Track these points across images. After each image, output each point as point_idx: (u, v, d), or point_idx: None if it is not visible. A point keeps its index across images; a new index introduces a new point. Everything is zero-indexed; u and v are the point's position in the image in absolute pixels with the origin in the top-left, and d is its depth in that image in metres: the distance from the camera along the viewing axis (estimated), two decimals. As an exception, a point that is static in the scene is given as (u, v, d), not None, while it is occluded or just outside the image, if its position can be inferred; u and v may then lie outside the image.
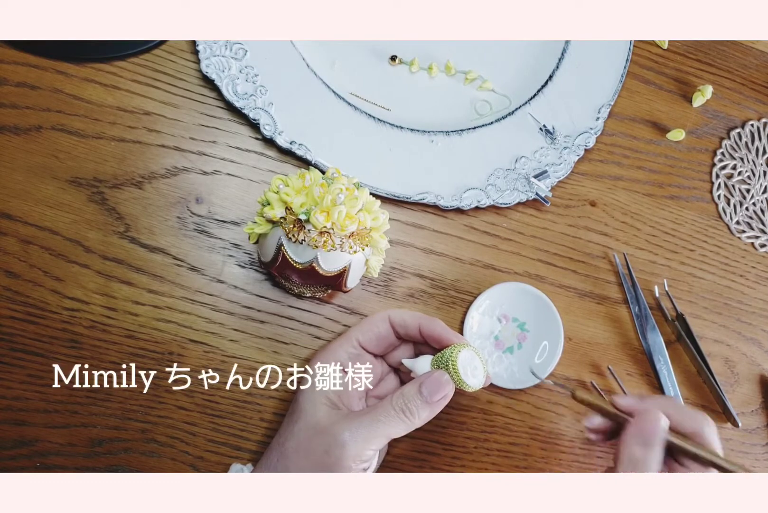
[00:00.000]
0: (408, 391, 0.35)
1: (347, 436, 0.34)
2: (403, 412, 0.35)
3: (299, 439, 0.36)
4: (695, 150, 0.54)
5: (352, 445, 0.34)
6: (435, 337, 0.38)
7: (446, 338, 0.37)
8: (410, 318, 0.39)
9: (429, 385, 0.35)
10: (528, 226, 0.49)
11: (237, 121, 0.45)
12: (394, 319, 0.39)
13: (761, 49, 0.57)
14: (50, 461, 0.40)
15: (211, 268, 0.44)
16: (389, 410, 0.35)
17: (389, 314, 0.40)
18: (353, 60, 0.49)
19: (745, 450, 0.50)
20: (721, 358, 0.51)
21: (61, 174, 0.42)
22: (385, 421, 0.34)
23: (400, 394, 0.35)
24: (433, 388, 0.35)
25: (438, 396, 0.35)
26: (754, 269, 0.53)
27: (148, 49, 0.45)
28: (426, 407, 0.35)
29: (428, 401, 0.35)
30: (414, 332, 0.39)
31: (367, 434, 0.34)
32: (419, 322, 0.38)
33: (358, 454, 0.34)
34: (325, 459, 0.34)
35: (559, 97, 0.51)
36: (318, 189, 0.36)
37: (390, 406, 0.35)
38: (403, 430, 0.35)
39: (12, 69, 0.43)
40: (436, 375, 0.36)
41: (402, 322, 0.39)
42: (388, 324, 0.39)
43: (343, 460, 0.33)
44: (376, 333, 0.39)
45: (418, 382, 0.36)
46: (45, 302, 0.41)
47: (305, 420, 0.36)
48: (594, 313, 0.49)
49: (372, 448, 0.34)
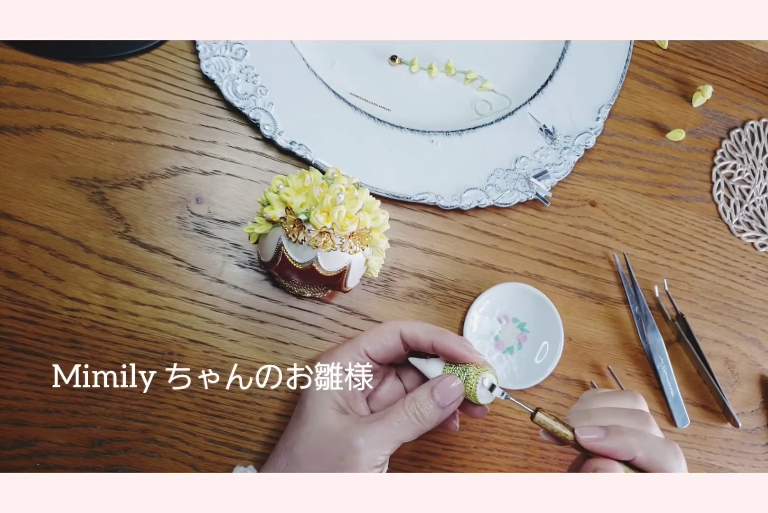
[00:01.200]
0: (420, 396, 0.35)
1: (362, 442, 0.34)
2: (416, 416, 0.35)
3: (309, 445, 0.35)
4: (695, 150, 0.54)
5: (366, 451, 0.34)
6: (449, 353, 0.37)
7: (460, 353, 0.36)
8: (422, 334, 0.38)
9: (441, 390, 0.35)
10: (528, 226, 0.49)
11: (237, 121, 0.45)
12: (405, 334, 0.38)
13: (761, 49, 0.57)
14: (50, 461, 0.40)
15: (211, 268, 0.44)
16: (402, 415, 0.35)
17: (400, 328, 0.38)
18: (353, 60, 0.49)
19: (745, 450, 0.50)
20: (721, 358, 0.51)
21: (61, 174, 0.42)
22: (399, 427, 0.34)
23: (411, 399, 0.35)
24: (444, 392, 0.35)
25: (450, 400, 0.35)
26: (754, 269, 0.53)
27: (148, 49, 0.45)
28: (438, 412, 0.35)
29: (440, 406, 0.35)
30: (426, 347, 0.38)
31: (381, 439, 0.34)
32: (432, 338, 0.37)
33: (372, 460, 0.34)
34: (339, 464, 0.34)
35: (559, 97, 0.51)
36: (318, 189, 0.36)
37: (402, 411, 0.35)
38: (414, 435, 0.35)
39: (12, 69, 0.43)
40: (447, 380, 0.36)
41: (413, 337, 0.38)
42: (398, 337, 0.38)
43: (358, 466, 0.33)
44: (385, 345, 0.38)
45: (429, 387, 0.36)
46: (45, 302, 0.41)
47: (314, 425, 0.36)
48: (594, 313, 0.49)
49: (385, 453, 0.34)
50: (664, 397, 0.49)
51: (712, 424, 0.50)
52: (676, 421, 0.49)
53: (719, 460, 0.50)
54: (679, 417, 0.49)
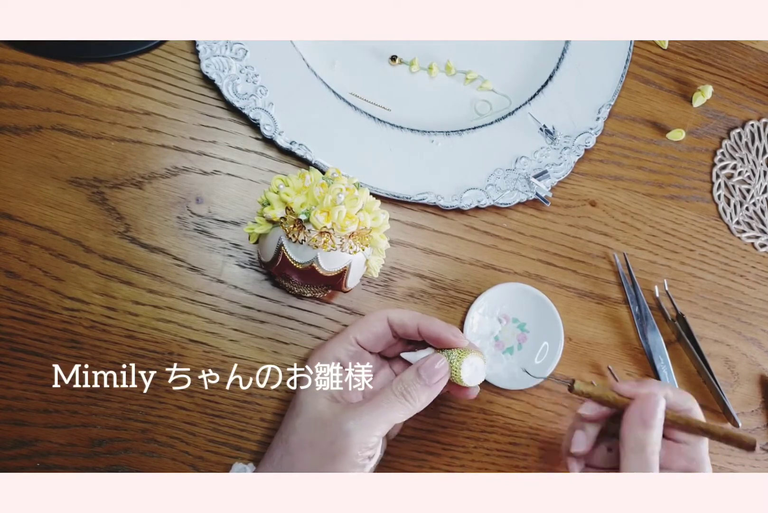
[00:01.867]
0: (407, 376, 0.37)
1: (351, 424, 0.34)
2: (403, 396, 0.36)
3: (302, 433, 0.36)
4: (695, 150, 0.54)
5: (356, 433, 0.34)
6: (434, 337, 0.38)
7: (445, 338, 0.38)
8: (409, 319, 0.39)
9: (427, 368, 0.37)
10: (528, 226, 0.49)
11: (237, 121, 0.45)
12: (392, 320, 0.39)
13: (761, 49, 0.57)
14: (50, 461, 0.40)
15: (211, 268, 0.44)
16: (390, 396, 0.36)
17: (387, 315, 0.40)
18: (353, 60, 0.49)
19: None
20: (721, 358, 0.51)
21: (61, 174, 0.42)
22: (387, 407, 0.35)
23: (399, 379, 0.37)
24: (430, 371, 0.37)
25: (436, 378, 0.37)
26: (754, 269, 0.53)
27: (148, 49, 0.45)
28: (425, 390, 0.36)
29: (427, 384, 0.36)
30: (413, 332, 0.39)
31: (370, 421, 0.35)
32: (418, 323, 0.39)
33: (363, 442, 0.34)
34: (331, 449, 0.34)
35: (559, 97, 0.50)
36: (318, 189, 0.36)
37: (390, 391, 0.36)
38: (404, 415, 0.36)
39: (12, 69, 0.43)
40: (432, 358, 0.37)
41: (401, 323, 0.39)
42: (386, 324, 0.40)
43: (349, 449, 0.34)
44: (374, 332, 0.40)
45: (415, 367, 0.37)
46: (45, 302, 0.41)
47: (307, 414, 0.37)
48: (594, 313, 0.49)
49: (376, 434, 0.35)
50: (664, 397, 0.49)
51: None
52: (676, 421, 0.49)
53: (719, 460, 0.50)
54: (679, 417, 0.49)
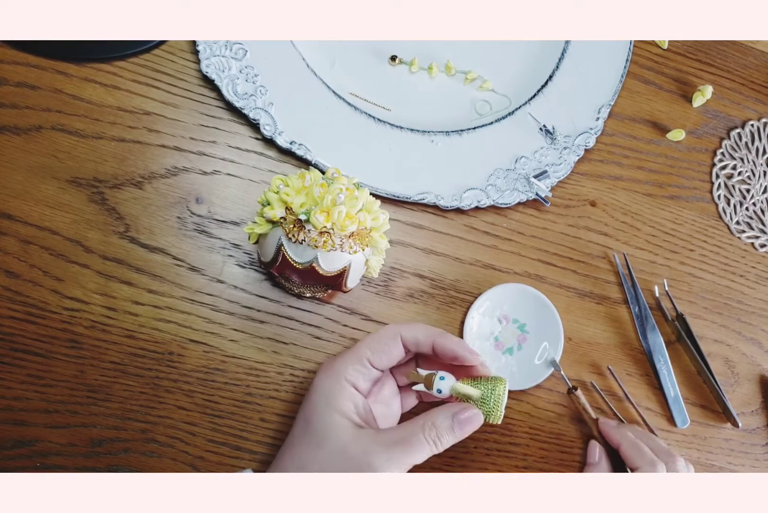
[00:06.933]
0: (441, 423, 0.35)
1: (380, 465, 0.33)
2: (434, 443, 0.35)
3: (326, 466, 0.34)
4: (695, 150, 0.54)
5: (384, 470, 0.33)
6: (449, 355, 0.37)
7: (462, 356, 0.36)
8: (423, 336, 0.38)
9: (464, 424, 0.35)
10: (528, 226, 0.49)
11: (237, 121, 0.45)
12: (406, 338, 0.38)
13: (761, 49, 0.57)
14: (50, 461, 0.40)
15: (211, 268, 0.44)
16: (421, 440, 0.35)
17: (401, 332, 0.38)
18: (353, 60, 0.49)
19: (745, 450, 0.50)
20: (721, 358, 0.51)
21: (61, 174, 0.42)
22: (418, 448, 0.34)
23: (432, 425, 0.35)
24: (467, 425, 0.35)
25: (469, 430, 0.35)
26: (754, 269, 0.53)
27: (148, 49, 0.45)
28: (455, 439, 0.35)
29: (458, 437, 0.35)
30: (426, 349, 0.38)
31: (398, 463, 0.34)
32: (433, 340, 0.37)
33: None
34: None
35: (559, 97, 0.51)
36: (318, 189, 0.36)
37: (422, 436, 0.35)
38: (425, 458, 0.35)
39: (12, 69, 0.43)
40: (473, 415, 0.36)
41: (414, 340, 0.38)
42: (399, 342, 0.38)
43: None
44: (387, 352, 0.38)
45: (451, 415, 0.35)
46: (45, 302, 0.41)
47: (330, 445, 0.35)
48: (594, 313, 0.49)
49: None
50: (664, 397, 0.49)
51: (712, 425, 0.50)
52: (676, 421, 0.49)
53: (719, 460, 0.50)
54: (679, 417, 0.49)
